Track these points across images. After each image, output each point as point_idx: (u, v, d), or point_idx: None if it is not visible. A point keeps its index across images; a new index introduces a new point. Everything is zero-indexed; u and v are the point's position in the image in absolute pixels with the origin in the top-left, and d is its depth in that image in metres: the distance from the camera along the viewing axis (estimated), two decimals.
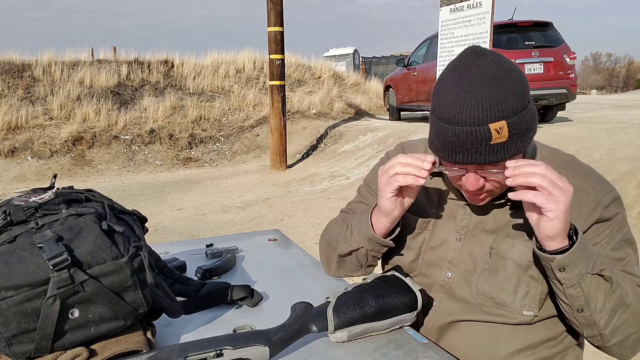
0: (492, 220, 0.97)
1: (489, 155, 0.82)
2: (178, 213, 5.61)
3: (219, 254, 1.35)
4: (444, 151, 0.87)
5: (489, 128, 0.80)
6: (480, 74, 0.82)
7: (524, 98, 0.83)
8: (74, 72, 10.24)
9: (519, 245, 0.93)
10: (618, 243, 0.92)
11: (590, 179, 0.94)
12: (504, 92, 0.81)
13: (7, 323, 0.72)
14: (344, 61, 21.24)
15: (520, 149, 0.84)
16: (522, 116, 0.82)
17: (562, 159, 0.98)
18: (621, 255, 0.92)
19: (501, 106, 0.80)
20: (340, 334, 0.87)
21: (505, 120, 0.81)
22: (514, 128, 0.81)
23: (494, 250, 0.95)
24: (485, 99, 0.81)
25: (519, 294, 0.92)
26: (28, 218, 0.81)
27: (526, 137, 0.85)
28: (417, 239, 1.05)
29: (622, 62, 45.76)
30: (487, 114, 0.80)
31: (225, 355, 0.77)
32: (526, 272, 0.92)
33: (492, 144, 0.81)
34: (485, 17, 4.83)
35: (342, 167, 7.33)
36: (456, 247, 0.99)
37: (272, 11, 7.53)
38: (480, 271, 0.95)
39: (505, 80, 0.82)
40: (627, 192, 3.92)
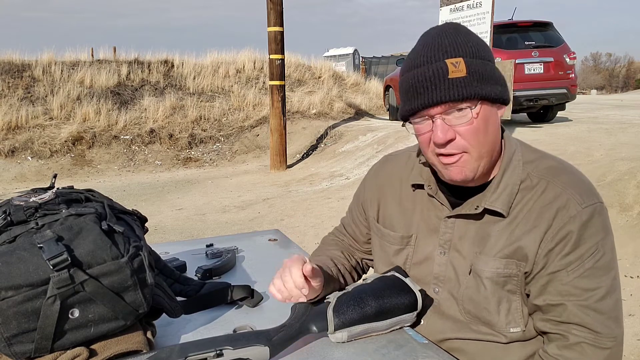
0: (472, 234, 0.92)
1: (448, 90, 0.81)
2: (178, 213, 5.60)
3: (219, 254, 1.35)
4: (407, 103, 0.86)
5: (445, 62, 0.81)
6: (436, 31, 0.86)
7: (486, 52, 0.85)
8: (74, 72, 10.24)
9: (492, 262, 0.89)
10: (588, 271, 0.83)
11: (572, 189, 0.86)
12: (461, 39, 0.84)
13: (7, 323, 0.72)
14: (344, 61, 21.23)
15: (481, 92, 0.82)
16: (483, 64, 0.83)
17: (547, 164, 0.91)
18: (590, 285, 0.84)
19: (457, 46, 0.83)
20: (340, 334, 0.87)
21: (463, 58, 0.82)
22: (472, 66, 0.81)
23: (473, 268, 0.91)
24: (440, 44, 0.83)
25: (502, 312, 0.89)
26: (28, 218, 0.81)
27: (488, 85, 0.82)
28: (399, 256, 1.02)
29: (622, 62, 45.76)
30: (444, 51, 0.82)
31: (225, 355, 0.77)
32: (504, 288, 0.89)
33: (450, 78, 0.81)
34: (485, 17, 4.83)
35: (342, 167, 7.33)
36: (441, 261, 0.96)
37: (272, 11, 7.53)
38: (464, 289, 0.92)
39: (463, 33, 0.85)
40: (627, 192, 3.92)
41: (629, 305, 2.86)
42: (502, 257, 0.88)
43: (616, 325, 0.85)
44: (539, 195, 0.87)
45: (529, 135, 6.21)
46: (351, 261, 1.15)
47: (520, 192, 0.89)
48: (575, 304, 0.84)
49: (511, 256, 0.88)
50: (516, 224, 0.88)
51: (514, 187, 0.89)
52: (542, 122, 7.67)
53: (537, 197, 0.87)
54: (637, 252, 3.32)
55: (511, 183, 0.89)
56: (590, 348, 0.84)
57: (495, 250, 0.89)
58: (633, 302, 2.88)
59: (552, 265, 0.85)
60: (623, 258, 3.31)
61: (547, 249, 0.85)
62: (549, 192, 0.87)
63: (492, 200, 0.89)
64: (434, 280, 0.97)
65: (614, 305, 0.85)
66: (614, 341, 0.85)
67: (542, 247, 0.85)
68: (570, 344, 0.85)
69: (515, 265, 0.88)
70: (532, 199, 0.88)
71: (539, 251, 0.86)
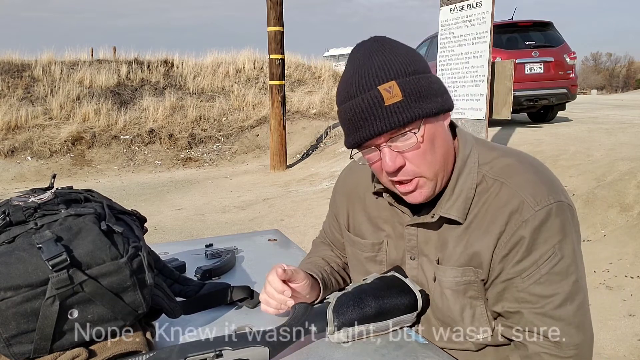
0: (436, 241, 0.90)
1: (387, 118, 0.78)
2: (178, 213, 5.60)
3: (219, 254, 1.34)
4: (350, 135, 0.83)
5: (379, 90, 0.78)
6: (362, 51, 0.82)
7: (417, 65, 0.80)
8: (74, 72, 10.24)
9: (450, 271, 0.87)
10: (544, 277, 0.80)
11: (525, 190, 0.81)
12: (389, 59, 0.79)
13: (6, 324, 0.72)
14: (344, 61, 21.24)
15: (421, 112, 0.78)
16: (416, 79, 0.79)
17: (504, 163, 0.86)
18: (546, 291, 0.80)
19: (387, 69, 0.78)
20: (340, 335, 0.87)
21: (395, 80, 0.78)
22: (407, 87, 0.78)
23: (436, 276, 0.90)
24: (370, 68, 0.79)
25: (466, 318, 0.88)
26: (27, 218, 0.81)
27: (427, 101, 0.79)
28: (374, 262, 1.01)
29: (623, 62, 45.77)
30: (374, 78, 0.78)
31: (225, 355, 0.77)
32: (466, 295, 0.87)
33: (386, 105, 0.77)
34: (485, 17, 4.82)
35: (342, 167, 7.30)
36: (412, 265, 0.95)
37: (272, 11, 7.53)
38: (432, 295, 0.92)
39: (389, 50, 0.80)
40: (627, 192, 3.92)
41: (629, 305, 2.86)
42: (459, 265, 0.86)
43: (578, 333, 0.81)
44: (493, 198, 0.84)
45: (529, 135, 6.21)
46: (343, 259, 1.15)
47: (476, 195, 0.85)
48: (531, 311, 0.81)
49: (468, 263, 0.86)
50: (472, 229, 0.85)
51: (469, 191, 0.85)
52: (542, 122, 7.67)
53: (491, 200, 0.84)
54: (637, 252, 3.31)
55: (466, 188, 0.86)
56: (550, 358, 0.81)
57: (453, 259, 0.87)
58: (633, 302, 2.88)
59: (506, 272, 0.83)
60: (623, 258, 3.31)
61: (501, 255, 0.82)
62: (502, 194, 0.83)
63: (447, 207, 0.86)
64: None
65: (575, 312, 0.81)
66: (575, 349, 0.81)
67: (497, 252, 0.83)
68: (530, 354, 0.83)
69: (472, 272, 0.86)
70: (486, 202, 0.85)
71: (494, 257, 0.83)
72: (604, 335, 2.56)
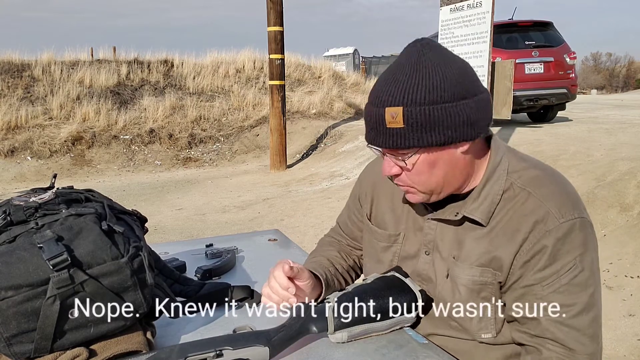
0: (452, 238, 0.92)
1: (385, 137, 0.83)
2: (178, 213, 5.60)
3: (219, 254, 1.34)
4: (365, 132, 0.89)
5: (385, 111, 0.82)
6: (400, 61, 0.84)
7: (440, 94, 0.80)
8: (74, 72, 10.23)
9: (469, 270, 0.89)
10: (564, 287, 0.82)
11: (551, 202, 0.84)
12: (413, 82, 0.80)
13: (7, 323, 0.72)
14: (344, 61, 21.24)
15: (419, 142, 0.81)
16: (427, 109, 0.79)
17: (532, 174, 0.89)
18: (565, 301, 0.83)
19: (404, 93, 0.80)
20: (340, 335, 0.87)
21: (403, 107, 0.80)
22: (411, 117, 0.80)
23: (450, 273, 0.92)
24: (392, 84, 0.82)
25: (474, 318, 0.89)
26: (28, 218, 0.81)
27: (429, 133, 0.81)
28: (387, 253, 1.03)
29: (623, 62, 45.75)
30: (388, 98, 0.82)
31: (225, 355, 0.77)
32: (479, 295, 0.89)
33: (388, 127, 0.82)
34: (485, 17, 4.82)
35: (342, 167, 7.33)
36: (426, 260, 0.96)
37: (272, 11, 7.53)
38: (440, 291, 0.93)
39: (420, 72, 0.81)
40: (627, 192, 3.92)
41: (629, 305, 2.86)
42: (479, 265, 0.88)
43: (591, 342, 0.84)
44: (519, 206, 0.86)
45: (529, 135, 6.21)
46: (348, 261, 1.16)
47: (501, 201, 0.88)
48: (549, 319, 0.83)
49: (487, 265, 0.88)
50: (495, 233, 0.87)
51: (496, 197, 0.88)
52: (542, 122, 7.67)
53: (517, 208, 0.86)
54: (637, 252, 3.31)
55: (492, 193, 0.88)
56: None
57: (473, 258, 0.89)
58: (633, 302, 2.88)
59: (527, 279, 0.85)
60: (623, 258, 3.31)
61: (522, 261, 0.85)
62: (529, 203, 0.85)
63: (472, 209, 0.88)
64: (417, 278, 0.98)
65: (590, 323, 0.84)
66: (588, 358, 0.83)
67: (518, 258, 0.85)
68: (544, 358, 0.84)
69: (491, 273, 0.87)
70: (512, 209, 0.87)
71: (514, 262, 0.85)
72: (604, 335, 2.54)
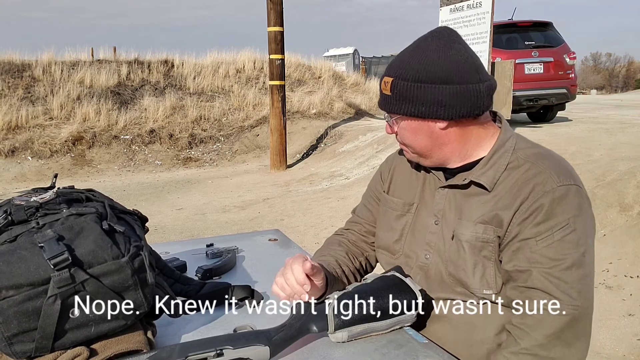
0: (459, 204, 1.00)
1: (381, 100, 1.00)
2: (178, 213, 5.60)
3: (219, 254, 1.35)
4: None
5: (383, 78, 0.98)
6: (416, 40, 0.97)
7: (428, 75, 0.92)
8: (74, 72, 10.23)
9: (473, 227, 0.96)
10: (557, 242, 0.89)
11: (551, 169, 0.92)
12: (409, 60, 0.94)
13: (8, 322, 0.72)
14: (344, 61, 21.25)
15: (399, 109, 0.96)
16: (413, 86, 0.93)
17: (536, 151, 0.98)
18: (556, 255, 0.88)
19: (399, 67, 0.95)
20: (341, 334, 0.87)
21: (392, 79, 0.95)
22: (397, 88, 0.95)
23: (455, 233, 0.98)
24: (398, 57, 0.97)
25: (477, 274, 0.95)
26: (29, 217, 0.81)
27: (410, 105, 0.94)
28: (400, 221, 1.09)
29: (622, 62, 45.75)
30: (390, 67, 0.98)
31: (225, 355, 0.77)
32: (481, 253, 0.95)
33: (382, 92, 0.99)
34: (485, 17, 4.83)
35: (342, 167, 7.33)
36: (434, 230, 1.03)
37: (272, 11, 7.53)
38: (448, 253, 0.99)
39: (418, 54, 0.94)
40: (627, 192, 3.92)
41: (629, 305, 2.86)
42: (481, 222, 0.95)
43: (579, 296, 0.88)
44: (522, 174, 0.94)
45: (529, 135, 6.21)
46: (355, 263, 1.16)
47: (506, 170, 0.96)
48: (540, 270, 0.89)
49: (489, 222, 0.94)
50: (499, 197, 0.95)
51: (501, 166, 0.96)
52: (542, 122, 7.67)
53: (519, 176, 0.94)
54: (637, 251, 3.32)
55: (499, 163, 0.97)
56: (549, 315, 0.87)
57: (476, 216, 0.96)
58: (633, 301, 2.88)
59: (523, 233, 0.91)
60: (623, 258, 3.32)
61: (521, 218, 0.91)
62: (530, 171, 0.93)
63: (478, 174, 0.97)
64: (425, 246, 1.03)
65: (579, 279, 0.88)
66: (574, 309, 0.87)
67: (517, 216, 0.92)
68: (531, 310, 0.89)
69: (492, 230, 0.94)
70: (515, 176, 0.95)
71: (513, 219, 0.92)
72: (603, 335, 2.56)
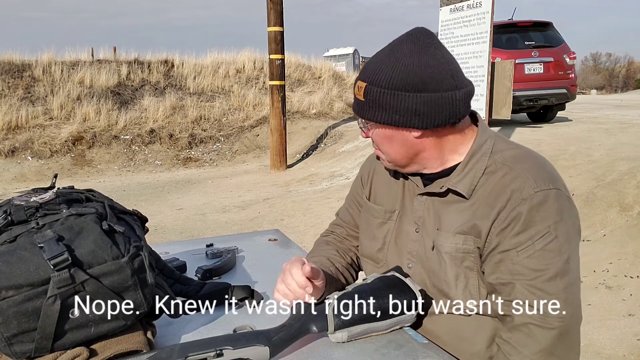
0: (437, 212, 0.97)
1: (355, 105, 0.96)
2: (178, 213, 5.60)
3: (219, 254, 1.35)
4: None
5: (357, 82, 0.94)
6: (391, 42, 0.93)
7: (402, 82, 0.87)
8: (74, 72, 10.23)
9: (452, 237, 0.93)
10: (538, 252, 0.85)
11: (529, 174, 0.89)
12: (381, 65, 0.90)
13: (8, 323, 0.72)
14: (344, 61, 21.26)
15: (373, 116, 0.92)
16: (383, 92, 0.89)
17: (512, 153, 0.94)
18: (538, 266, 0.85)
19: (374, 72, 0.90)
20: (341, 334, 0.87)
21: (366, 83, 0.91)
22: (370, 94, 0.90)
23: (435, 243, 0.96)
24: (372, 60, 0.93)
25: (459, 286, 0.92)
26: (29, 218, 0.81)
27: (381, 112, 0.90)
28: (382, 229, 1.07)
29: (622, 62, 45.74)
30: (363, 72, 0.93)
31: (225, 355, 0.77)
32: (462, 264, 0.92)
33: (356, 96, 0.95)
34: (485, 17, 4.83)
35: (342, 167, 7.33)
36: (415, 238, 1.00)
37: (272, 11, 7.53)
38: (429, 263, 0.97)
39: (391, 58, 0.89)
40: (627, 192, 3.92)
41: (629, 305, 2.86)
42: (460, 232, 0.92)
43: (565, 306, 0.85)
44: (499, 179, 0.91)
45: (529, 135, 6.21)
46: (346, 259, 1.17)
47: (484, 175, 0.93)
48: (522, 283, 0.86)
49: (468, 232, 0.92)
50: (477, 205, 0.92)
51: (478, 172, 0.93)
52: (542, 122, 7.66)
53: (497, 181, 0.91)
54: (637, 252, 3.32)
55: (475, 168, 0.94)
56: (537, 329, 0.85)
57: (455, 227, 0.93)
58: (633, 302, 2.88)
59: (503, 244, 0.88)
60: (623, 258, 3.32)
61: (499, 228, 0.88)
62: (508, 176, 0.90)
63: (455, 181, 0.94)
64: (408, 255, 1.01)
65: (564, 288, 0.85)
66: (560, 321, 0.85)
67: (495, 225, 0.89)
68: (517, 324, 0.87)
69: (472, 241, 0.91)
70: (492, 182, 0.92)
71: (492, 229, 0.89)
72: (603, 335, 2.56)
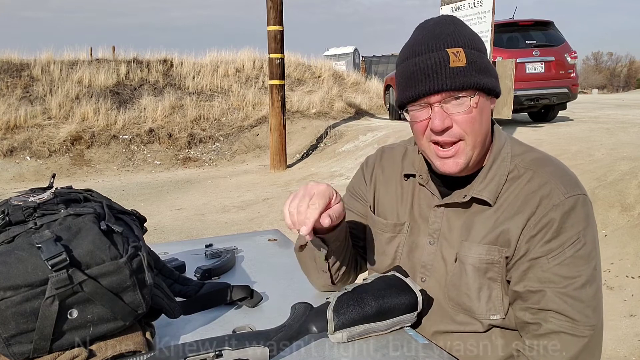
0: (460, 223, 0.93)
1: (449, 79, 0.83)
2: (177, 213, 5.60)
3: (219, 254, 1.34)
4: (407, 90, 0.87)
5: (447, 52, 0.84)
6: (433, 22, 0.90)
7: (481, 45, 0.88)
8: (73, 72, 10.23)
9: (476, 248, 0.90)
10: (569, 259, 0.84)
11: (556, 179, 0.88)
12: (459, 31, 0.87)
13: (6, 323, 0.71)
14: (344, 60, 21.26)
15: (479, 83, 0.85)
16: (480, 55, 0.87)
17: (533, 156, 0.93)
18: (570, 273, 0.84)
19: (457, 37, 0.86)
20: (341, 335, 0.86)
21: (462, 48, 0.85)
22: (471, 57, 0.85)
23: (458, 255, 0.92)
24: (441, 33, 0.87)
25: (482, 298, 0.90)
26: (27, 218, 0.80)
27: (485, 76, 0.86)
28: (392, 244, 1.03)
29: (624, 62, 45.73)
30: (444, 42, 0.85)
31: (224, 355, 0.76)
32: (486, 275, 0.90)
33: (451, 67, 0.83)
34: (486, 16, 4.83)
35: (342, 166, 7.33)
36: (430, 251, 0.97)
37: (271, 10, 7.52)
38: (450, 277, 0.93)
39: (460, 25, 0.89)
40: (628, 192, 3.92)
41: (630, 305, 2.86)
42: (486, 243, 0.90)
43: (594, 315, 0.85)
44: (525, 184, 0.89)
45: (530, 134, 6.21)
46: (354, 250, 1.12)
47: (507, 181, 0.91)
48: (554, 291, 0.84)
49: (494, 242, 0.89)
50: (502, 211, 0.90)
51: (502, 177, 0.91)
52: (543, 122, 7.67)
53: (523, 186, 0.89)
54: (638, 252, 3.31)
55: (499, 174, 0.91)
56: (567, 337, 0.84)
57: (480, 237, 0.90)
58: (634, 302, 2.88)
59: (533, 252, 0.86)
60: (624, 258, 3.31)
61: (529, 235, 0.87)
62: (534, 181, 0.89)
63: (479, 189, 0.91)
64: (421, 269, 0.98)
65: (594, 295, 0.85)
66: (591, 330, 0.84)
67: (525, 233, 0.87)
68: (547, 332, 0.85)
69: (497, 251, 0.89)
70: (517, 187, 0.90)
71: (521, 237, 0.87)
72: (604, 335, 2.54)
